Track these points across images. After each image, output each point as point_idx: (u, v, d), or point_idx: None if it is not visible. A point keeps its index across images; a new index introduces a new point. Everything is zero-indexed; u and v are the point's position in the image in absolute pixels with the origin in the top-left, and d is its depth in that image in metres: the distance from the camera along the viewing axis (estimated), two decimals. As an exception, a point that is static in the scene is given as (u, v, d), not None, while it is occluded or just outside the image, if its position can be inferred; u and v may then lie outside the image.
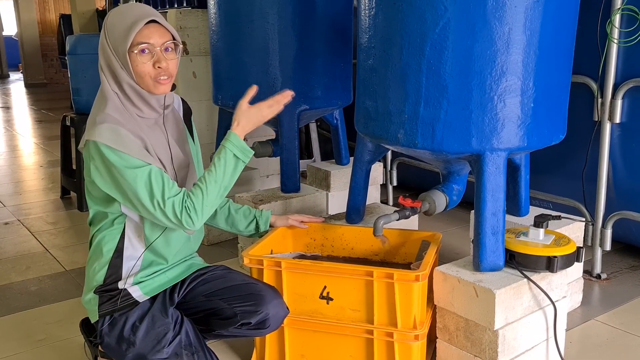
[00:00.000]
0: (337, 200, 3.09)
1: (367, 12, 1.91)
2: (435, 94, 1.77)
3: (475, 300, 1.74)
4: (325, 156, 4.35)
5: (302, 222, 2.15)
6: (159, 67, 1.63)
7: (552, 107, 1.86)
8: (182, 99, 1.91)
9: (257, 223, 2.04)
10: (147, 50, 1.61)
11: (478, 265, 1.81)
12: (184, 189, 1.65)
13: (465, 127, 1.76)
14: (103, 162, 1.58)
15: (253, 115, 1.75)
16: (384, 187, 3.66)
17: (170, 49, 1.66)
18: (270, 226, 2.08)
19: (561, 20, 1.80)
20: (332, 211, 3.01)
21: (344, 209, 2.95)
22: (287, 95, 1.81)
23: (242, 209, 2.04)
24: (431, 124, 1.80)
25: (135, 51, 1.60)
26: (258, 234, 2.06)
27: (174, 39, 1.67)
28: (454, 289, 1.80)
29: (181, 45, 1.70)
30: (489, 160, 1.79)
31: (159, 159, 1.66)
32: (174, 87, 1.72)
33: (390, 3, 1.81)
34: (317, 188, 3.05)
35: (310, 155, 4.44)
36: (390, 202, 3.77)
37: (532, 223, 1.91)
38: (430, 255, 1.87)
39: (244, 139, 1.72)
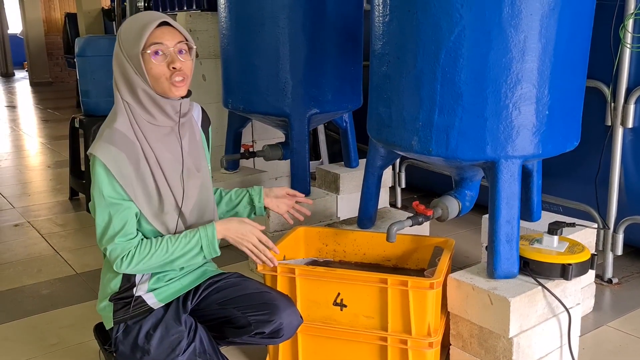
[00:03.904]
0: (347, 203, 3.10)
1: (381, 18, 1.91)
2: (450, 102, 1.77)
3: (489, 307, 1.74)
4: (332, 157, 4.35)
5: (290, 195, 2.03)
6: (173, 67, 1.63)
7: (567, 114, 1.86)
8: (202, 108, 1.90)
9: (250, 198, 1.97)
10: (160, 52, 1.61)
11: (492, 272, 1.81)
12: (139, 234, 1.66)
13: (480, 134, 1.76)
14: (95, 176, 1.61)
15: (243, 239, 1.72)
16: (392, 189, 3.66)
17: (184, 51, 1.65)
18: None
19: (576, 28, 1.79)
20: (341, 214, 3.01)
21: (353, 212, 2.96)
22: (269, 261, 1.77)
23: (233, 190, 1.99)
24: (445, 132, 1.79)
25: (149, 52, 1.60)
26: (255, 211, 1.98)
27: (186, 40, 1.67)
28: (468, 296, 1.80)
29: (195, 48, 1.70)
30: (504, 167, 1.79)
31: (161, 170, 1.67)
32: (189, 94, 1.72)
33: (404, 10, 1.80)
34: (327, 191, 3.05)
35: (317, 157, 4.44)
36: (399, 204, 3.77)
37: (546, 230, 1.90)
38: (444, 263, 1.87)
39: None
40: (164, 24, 1.63)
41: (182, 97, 1.70)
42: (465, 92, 1.74)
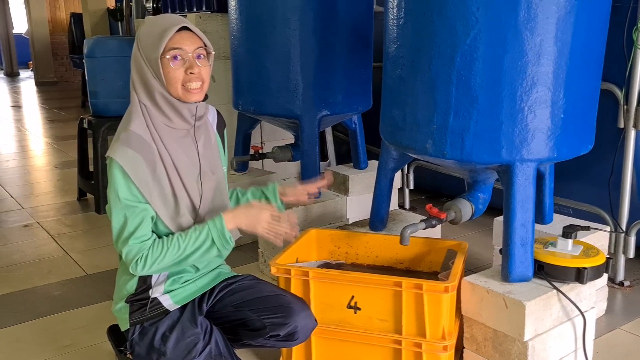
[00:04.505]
0: (356, 204, 3.10)
1: (395, 22, 1.91)
2: (465, 105, 1.77)
3: (504, 311, 1.74)
4: (340, 158, 4.35)
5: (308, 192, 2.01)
6: (190, 72, 1.63)
7: (582, 117, 1.85)
8: (217, 111, 1.91)
9: (266, 197, 1.96)
10: (179, 57, 1.62)
11: (507, 276, 1.81)
12: (153, 236, 1.66)
13: (495, 138, 1.76)
14: (112, 178, 1.62)
15: (254, 221, 1.70)
16: (400, 190, 3.66)
17: (202, 56, 1.66)
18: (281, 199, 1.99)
19: (592, 31, 1.79)
20: (350, 215, 3.01)
21: (362, 214, 2.97)
22: (289, 236, 1.75)
23: (249, 190, 1.99)
24: (460, 135, 1.79)
25: (168, 56, 1.61)
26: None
27: (205, 45, 1.67)
28: (483, 299, 1.80)
29: (213, 53, 1.70)
30: (519, 171, 1.78)
31: (177, 173, 1.67)
32: (206, 97, 1.73)
33: (420, 14, 1.80)
34: (336, 193, 3.05)
35: (324, 158, 4.44)
36: (407, 205, 3.77)
37: (559, 233, 1.90)
38: (458, 266, 1.87)
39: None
40: (184, 28, 1.63)
41: (199, 102, 1.70)
42: (481, 95, 1.74)
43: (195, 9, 3.77)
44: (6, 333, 2.34)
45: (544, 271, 1.81)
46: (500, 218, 2.35)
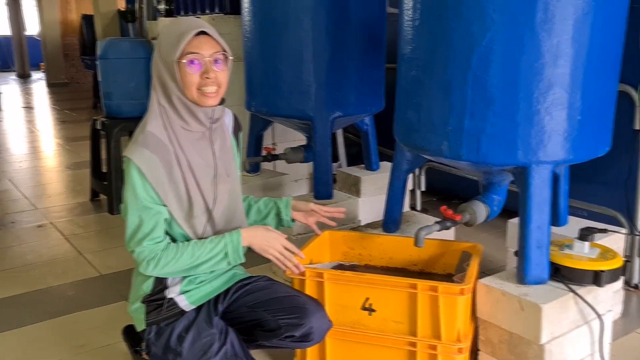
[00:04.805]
0: (368, 206, 3.09)
1: (410, 23, 1.91)
2: (481, 106, 1.76)
3: (520, 313, 1.74)
4: (350, 159, 4.35)
5: (324, 212, 1.99)
6: (206, 77, 1.64)
7: (599, 119, 1.84)
8: (234, 114, 1.92)
9: (278, 211, 1.95)
10: (196, 61, 1.63)
11: (522, 278, 1.80)
12: (166, 239, 1.68)
13: (511, 139, 1.76)
14: (129, 178, 1.64)
15: (267, 246, 1.73)
16: (412, 192, 3.65)
17: (219, 61, 1.67)
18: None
19: (609, 32, 1.78)
20: (362, 217, 3.01)
21: (374, 215, 2.96)
22: (294, 267, 1.77)
23: (262, 200, 1.99)
24: (476, 136, 1.79)
25: (184, 61, 1.61)
26: (282, 223, 1.97)
27: (223, 50, 1.68)
28: (498, 301, 1.80)
29: (231, 58, 1.70)
30: (535, 173, 1.78)
31: (192, 175, 1.69)
32: (222, 101, 1.73)
33: (435, 15, 1.80)
34: (348, 194, 3.05)
35: (335, 159, 4.43)
36: (418, 206, 3.76)
37: (575, 236, 1.89)
38: (474, 268, 1.86)
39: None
40: (203, 33, 1.63)
41: (215, 105, 1.71)
42: (497, 97, 1.74)
43: (208, 11, 3.78)
44: (22, 332, 2.36)
45: (561, 274, 1.80)
46: (514, 220, 2.35)
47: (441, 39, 1.80)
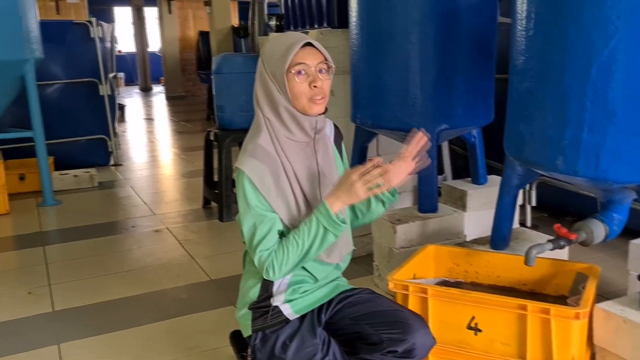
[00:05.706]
0: (474, 221, 3.00)
1: (524, 33, 1.84)
2: (601, 119, 1.66)
3: (644, 343, 1.60)
4: (455, 172, 4.24)
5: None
6: (314, 86, 1.68)
7: None
8: (334, 124, 1.95)
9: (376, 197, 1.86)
10: (303, 72, 1.68)
11: (647, 305, 1.67)
12: (276, 243, 1.69)
13: (635, 155, 1.64)
14: (241, 188, 1.69)
15: (351, 189, 1.66)
16: (522, 207, 3.49)
17: (324, 70, 1.71)
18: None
19: None
20: (468, 232, 2.92)
21: (480, 230, 2.86)
22: (383, 179, 1.68)
23: None
24: (595, 151, 1.68)
25: (293, 71, 1.67)
26: (385, 202, 1.88)
27: (327, 60, 1.71)
28: (619, 329, 1.67)
29: (334, 67, 1.74)
30: (663, 191, 1.64)
31: (298, 183, 1.72)
32: (325, 110, 1.77)
33: (551, 24, 1.72)
34: (454, 208, 2.97)
35: (440, 172, 4.35)
36: (528, 223, 3.59)
37: None
38: (591, 291, 1.75)
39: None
40: (307, 44, 1.68)
41: (319, 114, 1.75)
42: (619, 109, 1.63)
43: (316, 25, 3.87)
44: (139, 331, 2.52)
45: (692, 302, 1.65)
46: (638, 241, 2.18)
47: (557, 48, 1.71)
